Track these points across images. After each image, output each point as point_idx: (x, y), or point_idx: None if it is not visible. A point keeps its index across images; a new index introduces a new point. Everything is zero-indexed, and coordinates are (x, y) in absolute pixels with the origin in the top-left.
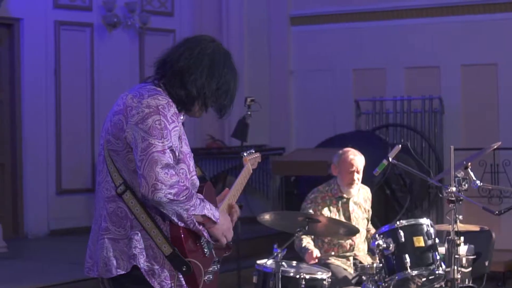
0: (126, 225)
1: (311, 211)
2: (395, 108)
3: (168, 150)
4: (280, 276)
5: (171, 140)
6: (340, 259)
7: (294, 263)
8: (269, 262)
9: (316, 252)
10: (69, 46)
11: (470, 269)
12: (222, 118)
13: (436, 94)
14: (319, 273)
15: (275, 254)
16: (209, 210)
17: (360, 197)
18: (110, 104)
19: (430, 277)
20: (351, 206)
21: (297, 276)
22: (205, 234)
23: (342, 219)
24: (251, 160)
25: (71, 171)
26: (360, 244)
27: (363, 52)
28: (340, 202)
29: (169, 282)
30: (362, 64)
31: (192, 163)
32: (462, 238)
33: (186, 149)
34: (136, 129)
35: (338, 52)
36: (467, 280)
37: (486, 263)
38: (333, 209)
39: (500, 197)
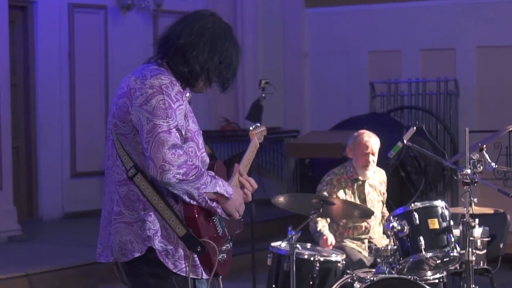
0: (139, 208)
1: (325, 193)
2: (410, 90)
3: (174, 130)
4: (294, 258)
5: (177, 119)
6: (355, 241)
7: (309, 245)
8: (283, 244)
9: (331, 239)
10: (83, 29)
11: (484, 251)
12: (225, 92)
13: (452, 76)
14: (333, 255)
15: (290, 236)
16: (221, 186)
17: (376, 179)
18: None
19: (445, 259)
20: (367, 188)
21: (312, 259)
22: (219, 210)
23: (357, 201)
24: (257, 134)
25: (86, 154)
26: (375, 227)
27: (378, 34)
28: (355, 184)
29: (183, 262)
30: (377, 46)
31: (201, 140)
32: (477, 220)
33: (193, 126)
34: (140, 110)
35: (353, 34)
36: (481, 262)
37: (501, 246)
38: (349, 192)
39: None
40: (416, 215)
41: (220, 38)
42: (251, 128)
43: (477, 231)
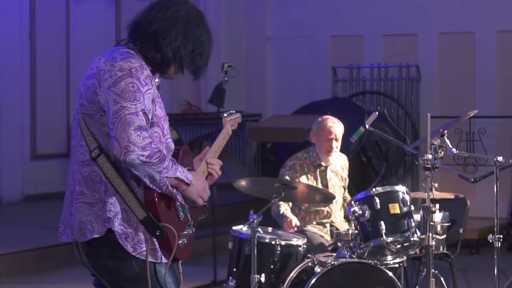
0: (100, 189)
1: (288, 177)
2: (372, 75)
3: (141, 113)
4: (255, 242)
5: (144, 102)
6: (316, 226)
7: (270, 229)
8: (244, 228)
9: (295, 221)
10: (44, 10)
11: (444, 236)
12: (197, 79)
13: (413, 61)
14: (294, 239)
15: (251, 220)
16: (181, 172)
17: (338, 165)
18: (86, 68)
19: (405, 244)
20: (329, 174)
21: (273, 242)
22: (179, 197)
23: (320, 187)
24: (230, 121)
25: (46, 136)
26: (336, 212)
27: (340, 19)
28: (318, 170)
29: (143, 246)
30: (339, 31)
31: (166, 126)
32: (437, 206)
33: (160, 112)
34: (108, 92)
35: (315, 19)
36: (441, 247)
37: (461, 231)
38: (311, 177)
39: (475, 165)
40: (377, 200)
41: (193, 25)
42: (224, 114)
43: (437, 216)
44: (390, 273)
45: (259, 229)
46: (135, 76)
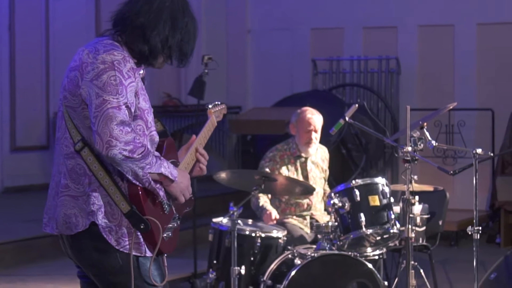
0: (85, 182)
1: (268, 169)
2: (352, 67)
3: (123, 107)
4: (235, 234)
5: (127, 96)
6: (296, 218)
7: (250, 221)
8: (224, 220)
9: (275, 214)
10: (24, 1)
11: (424, 228)
12: (183, 67)
13: (393, 54)
14: (274, 231)
15: (231, 212)
16: (166, 168)
17: (318, 156)
18: (65, 60)
19: (385, 236)
20: (309, 165)
21: (253, 235)
22: (161, 193)
23: (300, 178)
24: (215, 112)
25: (26, 128)
26: (317, 204)
27: (321, 11)
28: (298, 161)
29: (126, 239)
30: (320, 24)
31: (150, 118)
32: (416, 198)
33: (144, 105)
34: (91, 85)
35: (296, 11)
36: (421, 239)
37: (440, 223)
38: (291, 168)
39: (454, 157)
40: (357, 192)
41: (179, 14)
42: (209, 106)
43: (417, 208)
44: (370, 265)
45: (239, 221)
46: (118, 69)
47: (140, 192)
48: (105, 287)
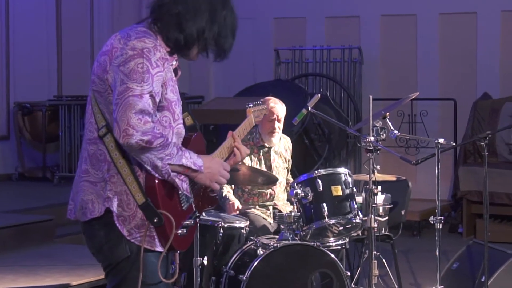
0: (104, 168)
1: None
2: (315, 57)
3: (147, 95)
4: (198, 224)
5: (153, 85)
6: (259, 208)
7: (213, 211)
8: None
9: (238, 204)
10: None
11: (386, 218)
12: (220, 61)
13: (356, 44)
14: (237, 222)
15: None
16: (188, 158)
17: (281, 146)
18: (25, 51)
19: (347, 226)
20: (272, 155)
21: (215, 225)
22: (184, 186)
23: (263, 168)
24: (255, 112)
25: None
26: (280, 194)
27: (284, 1)
28: (261, 151)
29: (137, 231)
30: (282, 13)
31: (178, 111)
32: (379, 188)
33: (171, 96)
34: (117, 71)
35: (258, 1)
36: (383, 229)
37: (402, 212)
38: (254, 158)
39: (417, 147)
40: (320, 182)
41: (219, 6)
42: (250, 105)
43: (379, 198)
44: (333, 255)
45: None
46: (146, 57)
47: (156, 185)
48: (110, 275)
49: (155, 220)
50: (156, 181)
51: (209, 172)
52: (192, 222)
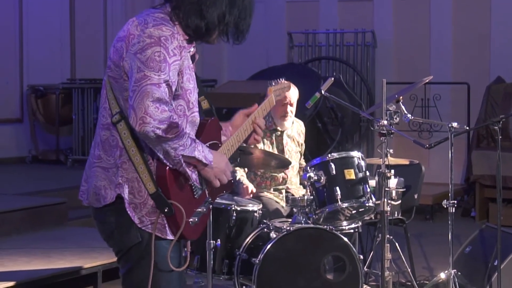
0: (116, 154)
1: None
2: (328, 41)
3: (164, 84)
4: (211, 207)
5: (169, 74)
6: (272, 192)
7: (226, 195)
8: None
9: (251, 187)
10: None
11: (399, 202)
12: (238, 44)
13: (369, 27)
14: (250, 205)
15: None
16: (200, 152)
17: (294, 130)
18: (38, 33)
19: (360, 210)
20: (285, 139)
21: (228, 208)
22: (194, 176)
23: (276, 152)
24: (276, 91)
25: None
26: (292, 178)
27: None
28: (274, 135)
29: (149, 218)
30: None
31: (193, 99)
32: (392, 171)
33: (187, 84)
34: (134, 58)
35: None
36: (396, 212)
37: (415, 196)
38: (267, 142)
39: (430, 131)
40: (333, 166)
41: None
42: (273, 83)
43: (392, 182)
44: (345, 239)
45: None
46: (164, 45)
47: (167, 175)
48: (122, 261)
49: (166, 210)
50: (167, 171)
51: (216, 168)
52: (205, 209)
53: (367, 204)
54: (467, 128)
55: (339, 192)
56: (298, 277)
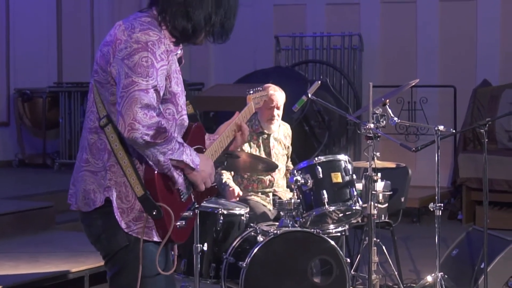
0: (104, 158)
1: None
2: (315, 44)
3: (152, 90)
4: (198, 211)
5: (157, 79)
6: (259, 195)
7: (213, 198)
8: None
9: (238, 190)
10: None
11: (386, 205)
12: (222, 43)
13: (356, 31)
14: (237, 208)
15: None
16: (188, 155)
17: (281, 133)
18: (25, 36)
19: (347, 213)
20: (272, 142)
21: (215, 212)
22: (180, 180)
23: (263, 155)
24: (255, 99)
25: None
26: (279, 180)
27: None
28: (260, 138)
29: (137, 223)
30: (283, 0)
31: (181, 102)
32: (379, 174)
33: (176, 88)
34: (121, 64)
35: None
36: (383, 215)
37: (402, 199)
38: (254, 145)
39: (416, 134)
40: (320, 169)
41: None
42: (251, 91)
43: (379, 185)
44: (332, 242)
45: None
46: (151, 50)
47: (155, 178)
48: (109, 264)
49: (154, 213)
50: (155, 174)
51: (203, 171)
52: (191, 213)
53: (354, 208)
54: (454, 131)
55: (326, 195)
56: (285, 280)
